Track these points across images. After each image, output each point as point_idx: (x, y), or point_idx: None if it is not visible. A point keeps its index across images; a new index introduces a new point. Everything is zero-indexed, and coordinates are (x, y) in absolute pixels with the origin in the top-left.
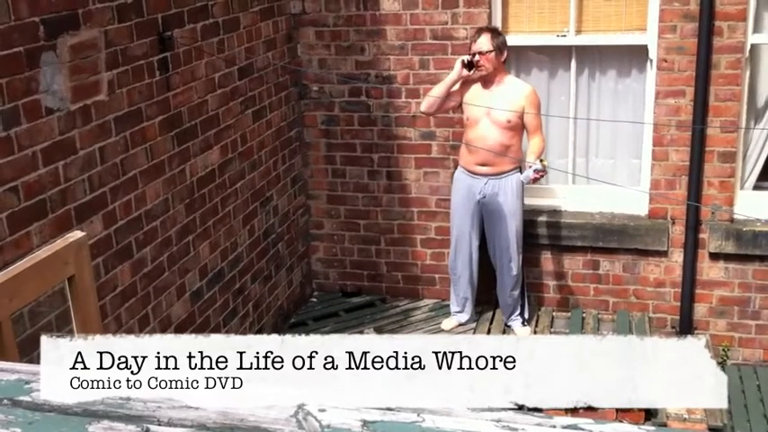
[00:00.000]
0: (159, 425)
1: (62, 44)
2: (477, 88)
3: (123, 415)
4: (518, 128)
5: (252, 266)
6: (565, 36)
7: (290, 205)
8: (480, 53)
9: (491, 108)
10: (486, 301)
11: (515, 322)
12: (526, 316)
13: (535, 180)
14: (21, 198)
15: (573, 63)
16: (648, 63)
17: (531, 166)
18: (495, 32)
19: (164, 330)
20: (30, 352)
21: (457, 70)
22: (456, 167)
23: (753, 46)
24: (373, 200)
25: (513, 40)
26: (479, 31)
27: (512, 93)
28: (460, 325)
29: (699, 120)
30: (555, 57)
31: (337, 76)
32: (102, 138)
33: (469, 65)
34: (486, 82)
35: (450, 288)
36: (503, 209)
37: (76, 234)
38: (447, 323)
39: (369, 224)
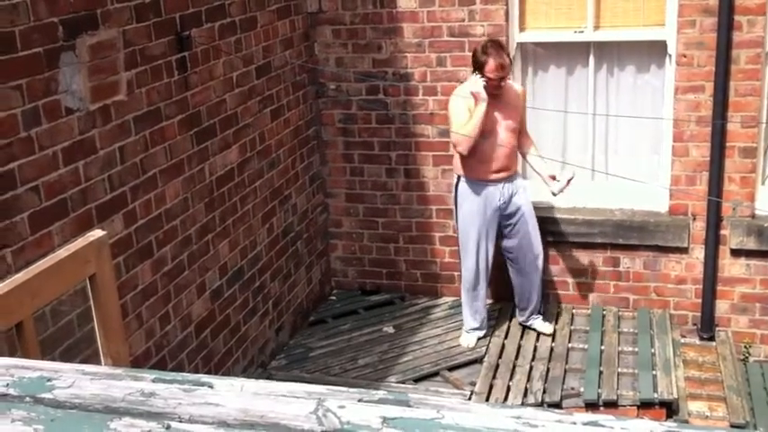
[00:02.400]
0: (180, 421)
1: (81, 44)
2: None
3: (144, 412)
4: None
5: (271, 265)
6: (582, 32)
7: (308, 204)
8: (504, 78)
9: (503, 115)
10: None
11: (537, 320)
12: (543, 312)
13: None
14: (42, 198)
15: (591, 59)
16: (667, 58)
17: (557, 179)
18: (503, 46)
19: (184, 329)
20: (52, 350)
21: (486, 99)
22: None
23: None
24: (391, 198)
25: (530, 36)
26: (495, 53)
27: (513, 96)
28: (479, 339)
29: (719, 115)
30: (573, 53)
31: (354, 75)
32: (121, 137)
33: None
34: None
35: (467, 307)
36: (521, 208)
37: (97, 233)
38: (469, 340)
39: (387, 222)
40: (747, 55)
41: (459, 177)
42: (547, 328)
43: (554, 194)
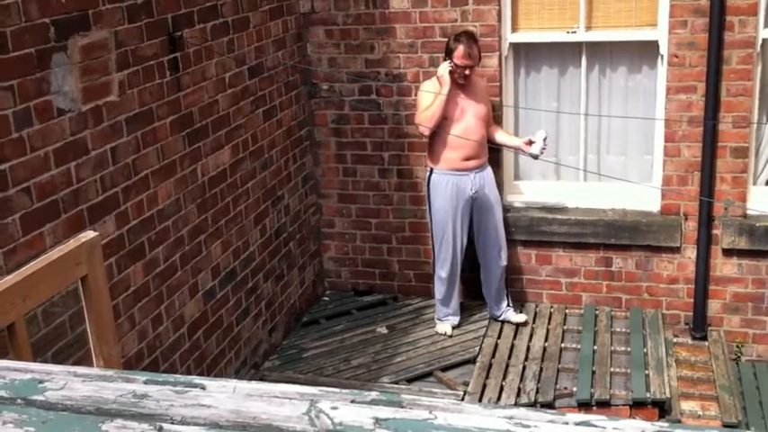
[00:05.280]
0: (172, 423)
1: (73, 45)
2: (453, 87)
3: (136, 413)
4: None
5: (264, 265)
6: (575, 32)
7: (301, 204)
8: (470, 67)
9: (471, 103)
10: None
11: (508, 312)
12: (511, 302)
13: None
14: (33, 199)
15: (583, 59)
16: (659, 59)
17: (533, 141)
18: (476, 39)
19: (177, 330)
20: (44, 352)
21: (448, 83)
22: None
23: (764, 40)
24: (384, 198)
25: (522, 36)
26: (466, 41)
27: (479, 85)
28: (454, 327)
29: (710, 115)
30: (565, 53)
31: (347, 75)
32: (113, 138)
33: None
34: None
35: (441, 298)
36: (490, 199)
37: (89, 234)
38: (446, 327)
39: (380, 223)
40: (739, 55)
41: (431, 170)
42: (520, 318)
43: (536, 158)
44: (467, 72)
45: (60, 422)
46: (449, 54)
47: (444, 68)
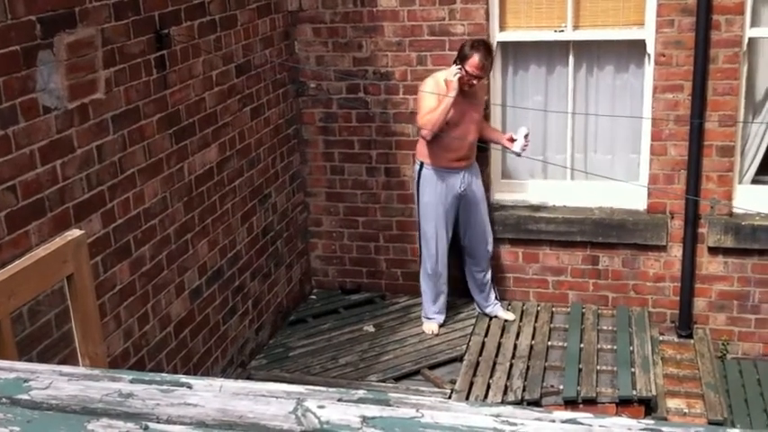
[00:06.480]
0: (158, 422)
1: (59, 42)
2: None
3: (122, 412)
4: None
5: (251, 264)
6: (563, 31)
7: (288, 202)
8: (479, 78)
9: (470, 109)
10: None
11: (496, 307)
12: (499, 297)
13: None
14: (19, 197)
15: (571, 58)
16: (646, 58)
17: (514, 138)
18: (491, 52)
19: (163, 329)
20: (29, 351)
21: (456, 90)
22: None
23: (751, 40)
24: (372, 196)
25: (510, 35)
26: (484, 52)
27: (480, 90)
28: (440, 326)
29: (697, 114)
30: (553, 52)
31: (335, 73)
32: (99, 136)
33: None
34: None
35: (428, 294)
36: (477, 194)
37: (75, 233)
38: (432, 326)
39: (367, 221)
40: (725, 54)
41: (422, 164)
42: (509, 315)
43: (519, 155)
44: (474, 82)
45: (45, 421)
46: (462, 59)
47: (454, 74)
